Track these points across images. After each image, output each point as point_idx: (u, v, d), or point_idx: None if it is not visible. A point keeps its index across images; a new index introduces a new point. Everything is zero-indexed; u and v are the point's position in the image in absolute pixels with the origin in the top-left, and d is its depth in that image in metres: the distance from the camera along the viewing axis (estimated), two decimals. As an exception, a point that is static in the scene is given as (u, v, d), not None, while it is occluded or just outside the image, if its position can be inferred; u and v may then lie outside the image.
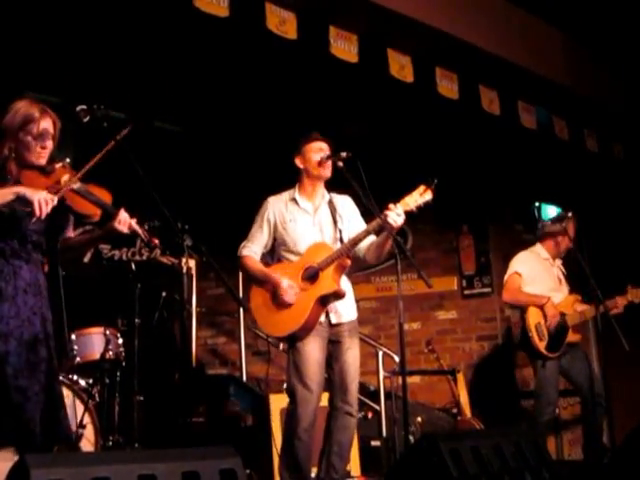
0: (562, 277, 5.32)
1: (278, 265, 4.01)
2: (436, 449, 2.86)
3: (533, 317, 5.10)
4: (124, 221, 3.03)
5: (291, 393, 3.85)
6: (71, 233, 3.20)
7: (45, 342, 2.98)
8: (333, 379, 3.89)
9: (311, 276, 3.87)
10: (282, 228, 3.98)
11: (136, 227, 3.06)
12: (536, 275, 5.23)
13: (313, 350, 3.83)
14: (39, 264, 3.05)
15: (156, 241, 3.11)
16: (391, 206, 3.77)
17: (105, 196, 3.07)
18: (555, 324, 5.07)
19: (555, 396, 5.17)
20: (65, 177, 2.98)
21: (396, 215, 3.73)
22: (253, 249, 4.02)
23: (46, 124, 2.99)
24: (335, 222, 4.00)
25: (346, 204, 4.09)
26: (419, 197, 3.83)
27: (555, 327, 5.08)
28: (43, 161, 3.00)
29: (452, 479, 2.82)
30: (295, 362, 3.85)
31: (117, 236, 3.10)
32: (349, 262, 3.90)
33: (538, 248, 5.35)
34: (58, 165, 3.03)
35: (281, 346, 3.94)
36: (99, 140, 3.16)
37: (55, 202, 2.85)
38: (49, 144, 3.01)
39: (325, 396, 3.97)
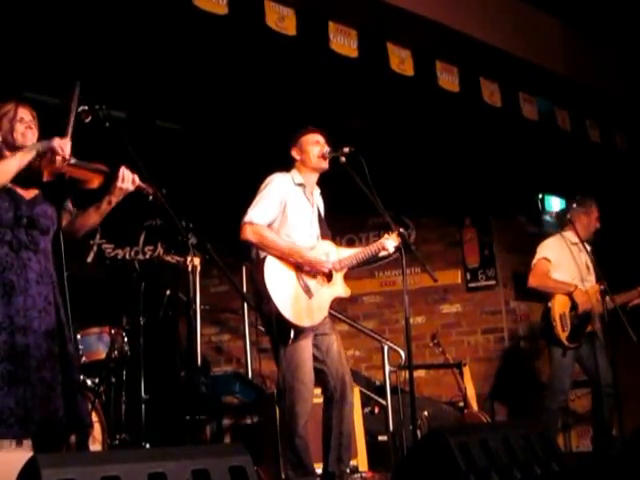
0: (590, 264, 5.24)
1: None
2: (444, 443, 2.86)
3: (559, 306, 5.08)
4: (127, 178, 3.04)
5: (287, 391, 3.78)
6: (71, 209, 3.22)
7: (60, 330, 3.00)
8: (329, 372, 3.86)
9: (328, 275, 3.89)
10: (289, 209, 3.87)
11: (140, 183, 3.07)
12: (564, 261, 5.19)
13: (307, 346, 3.82)
14: (48, 253, 3.07)
15: (163, 191, 3.08)
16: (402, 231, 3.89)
17: (102, 167, 3.10)
18: (586, 311, 5.06)
19: (568, 385, 5.17)
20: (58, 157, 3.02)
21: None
22: (264, 219, 3.81)
23: (24, 111, 3.08)
24: (320, 217, 4.03)
25: (321, 200, 4.10)
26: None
27: (582, 315, 5.07)
28: (30, 142, 3.04)
29: (461, 473, 2.81)
30: (291, 359, 3.78)
31: (124, 197, 3.09)
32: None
33: (567, 234, 5.30)
34: None
35: (292, 333, 3.82)
36: (100, 141, 3.17)
37: (70, 143, 2.94)
38: (33, 126, 3.08)
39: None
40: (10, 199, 2.99)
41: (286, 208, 3.87)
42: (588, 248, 5.26)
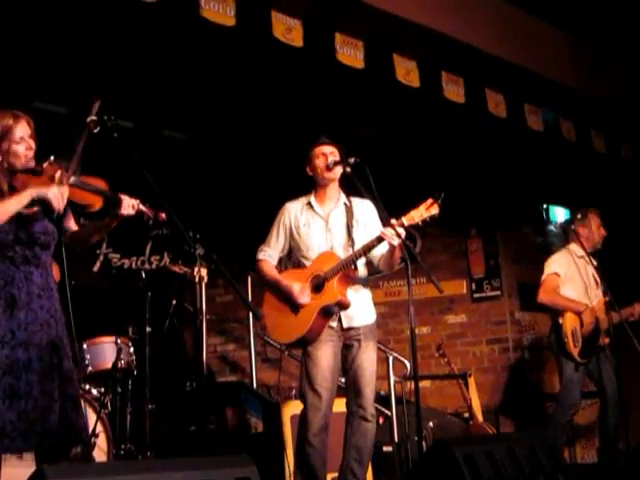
0: (598, 278, 5.22)
1: (288, 272, 4.05)
2: (450, 454, 2.86)
3: (570, 322, 5.08)
4: (129, 205, 3.06)
5: (302, 398, 3.87)
6: (74, 226, 3.22)
7: (60, 343, 3.01)
8: (348, 383, 3.91)
9: (317, 285, 3.89)
10: (296, 233, 4.01)
11: (142, 207, 3.09)
12: (572, 275, 5.19)
13: (324, 355, 3.84)
14: (49, 267, 3.08)
15: (163, 215, 3.09)
16: (393, 221, 3.75)
17: (101, 184, 3.11)
18: (590, 330, 5.07)
19: (579, 399, 5.16)
20: (57, 173, 3.03)
21: (391, 234, 3.72)
22: (269, 253, 4.06)
23: (22, 128, 3.06)
24: (349, 228, 3.99)
25: (366, 209, 4.06)
26: (425, 211, 3.83)
27: (590, 333, 5.08)
28: (32, 163, 3.05)
29: (467, 484, 2.81)
30: (306, 367, 3.87)
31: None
32: (356, 272, 3.91)
33: (573, 247, 5.28)
34: (45, 164, 3.07)
35: (289, 352, 3.93)
36: (106, 150, 3.19)
37: (67, 192, 2.93)
38: (32, 144, 3.06)
39: (341, 402, 3.97)
40: (10, 219, 2.99)
41: (295, 233, 4.02)
42: (594, 262, 5.21)
